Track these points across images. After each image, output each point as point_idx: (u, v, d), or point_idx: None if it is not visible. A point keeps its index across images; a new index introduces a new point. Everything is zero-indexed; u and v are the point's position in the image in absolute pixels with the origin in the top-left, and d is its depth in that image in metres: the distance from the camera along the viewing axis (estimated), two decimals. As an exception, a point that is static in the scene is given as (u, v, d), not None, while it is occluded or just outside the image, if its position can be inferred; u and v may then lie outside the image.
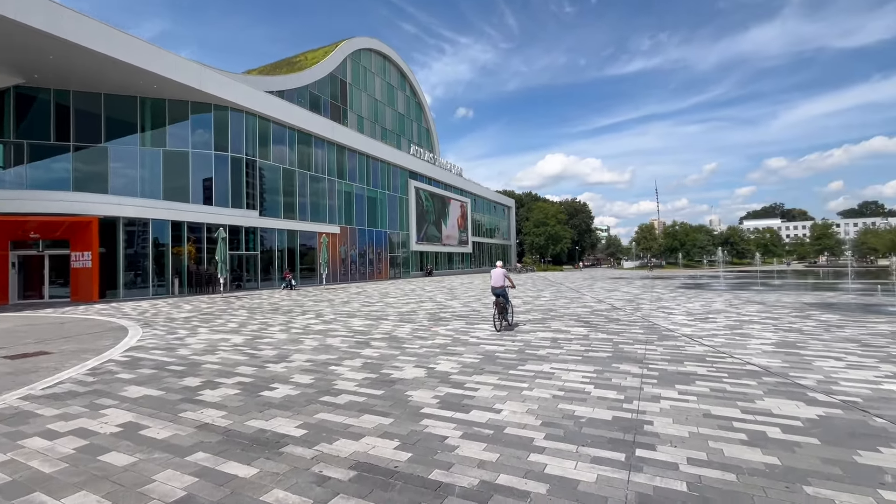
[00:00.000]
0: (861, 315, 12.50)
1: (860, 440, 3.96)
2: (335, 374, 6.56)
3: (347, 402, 5.17)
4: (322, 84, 38.63)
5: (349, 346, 8.70)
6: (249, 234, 27.52)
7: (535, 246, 72.57)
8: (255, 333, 10.48)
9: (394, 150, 44.24)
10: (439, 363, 7.16)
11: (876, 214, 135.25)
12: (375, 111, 46.73)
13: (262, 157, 28.66)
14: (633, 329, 10.51)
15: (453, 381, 6.09)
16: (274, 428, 4.38)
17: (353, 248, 37.22)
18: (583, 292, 22.42)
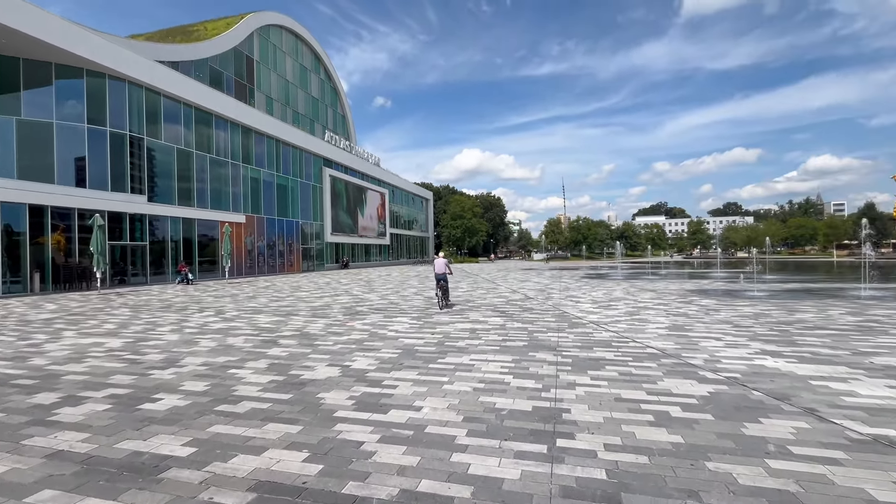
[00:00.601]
0: (730, 300, 14.38)
1: (744, 413, 4.37)
2: (235, 378, 5.83)
3: (249, 411, 4.58)
4: (225, 59, 35.11)
5: (253, 346, 7.88)
6: (136, 223, 24.17)
7: (453, 238, 73.81)
8: (138, 335, 9.09)
9: (307, 135, 41.79)
10: (355, 360, 6.74)
11: (736, 214, 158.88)
12: (287, 93, 43.72)
13: (151, 135, 25.22)
14: (545, 318, 10.94)
15: (370, 379, 5.73)
16: (154, 449, 3.68)
17: (260, 238, 34.57)
18: (498, 283, 23.13)
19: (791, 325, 9.34)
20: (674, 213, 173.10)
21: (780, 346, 7.32)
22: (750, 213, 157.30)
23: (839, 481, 3.06)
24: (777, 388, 5.12)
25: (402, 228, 63.73)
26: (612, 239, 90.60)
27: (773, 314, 10.97)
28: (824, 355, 6.71)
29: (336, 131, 51.64)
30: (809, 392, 5.00)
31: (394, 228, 59.97)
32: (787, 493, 2.90)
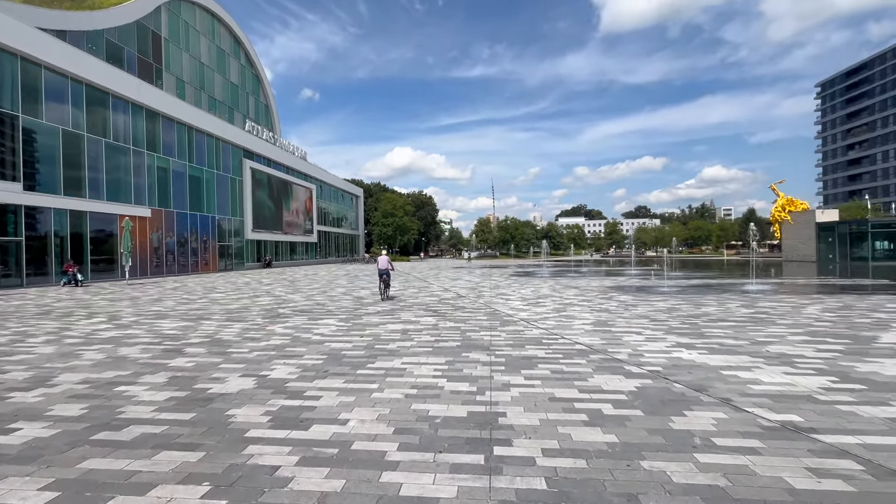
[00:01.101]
0: (645, 295, 15.43)
1: (669, 407, 4.50)
2: (124, 397, 4.96)
3: (137, 437, 3.85)
4: (125, 33, 31.32)
5: (152, 357, 6.87)
6: (8, 214, 20.64)
7: (384, 236, 72.65)
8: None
9: (225, 123, 38.58)
10: (274, 369, 6.09)
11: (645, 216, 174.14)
12: (202, 77, 40.10)
13: (29, 113, 21.65)
14: (477, 316, 10.89)
15: (291, 390, 5.16)
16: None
17: (170, 234, 31.28)
18: (430, 281, 22.96)
19: (699, 319, 10.13)
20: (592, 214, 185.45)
21: (692, 339, 7.85)
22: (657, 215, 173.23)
23: (760, 471, 3.16)
24: (695, 380, 5.38)
25: (331, 226, 61.45)
26: (538, 238, 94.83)
27: (682, 308, 11.87)
28: (729, 346, 7.28)
29: (258, 121, 48.39)
30: (722, 382, 5.31)
31: (322, 226, 57.59)
32: (718, 489, 2.93)
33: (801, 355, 6.61)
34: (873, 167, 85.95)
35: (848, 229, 40.62)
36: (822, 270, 29.79)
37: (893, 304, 12.20)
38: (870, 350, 6.94)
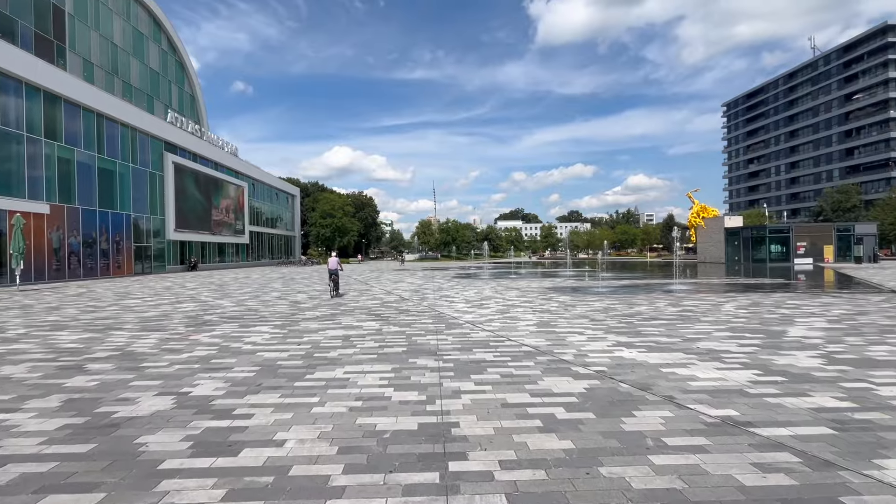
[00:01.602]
0: (582, 296, 16.03)
1: (619, 407, 4.52)
2: (1, 428, 4.12)
3: (16, 479, 3.15)
4: (18, 4, 27.49)
5: (43, 377, 5.86)
6: None
7: (322, 237, 70.16)
8: None
9: (142, 112, 35.14)
10: (197, 385, 5.42)
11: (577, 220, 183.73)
12: (114, 60, 36.25)
13: None
14: (422, 319, 10.63)
15: (217, 408, 4.58)
16: None
17: (74, 234, 27.80)
18: (371, 284, 22.35)
19: (633, 318, 10.62)
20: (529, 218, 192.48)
21: (631, 338, 8.14)
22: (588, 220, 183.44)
23: (711, 470, 3.20)
24: (639, 379, 5.51)
25: (265, 226, 58.18)
26: (478, 241, 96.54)
27: (617, 308, 12.42)
28: (664, 343, 7.63)
29: (183, 113, 44.66)
30: (663, 380, 5.48)
31: (254, 226, 54.35)
32: (676, 493, 2.90)
33: (727, 350, 7.06)
34: (768, 179, 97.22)
35: (750, 234, 45.42)
36: (730, 271, 32.95)
37: (792, 301, 13.62)
38: (782, 344, 7.58)
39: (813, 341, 7.77)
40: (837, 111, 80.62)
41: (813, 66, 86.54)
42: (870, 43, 75.20)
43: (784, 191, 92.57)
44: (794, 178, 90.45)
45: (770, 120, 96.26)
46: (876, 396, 4.83)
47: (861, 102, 76.69)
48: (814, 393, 4.94)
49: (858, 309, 11.87)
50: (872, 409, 4.45)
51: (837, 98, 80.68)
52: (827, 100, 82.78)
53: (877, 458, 3.38)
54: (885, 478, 3.07)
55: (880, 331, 8.77)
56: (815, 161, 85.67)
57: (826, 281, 22.44)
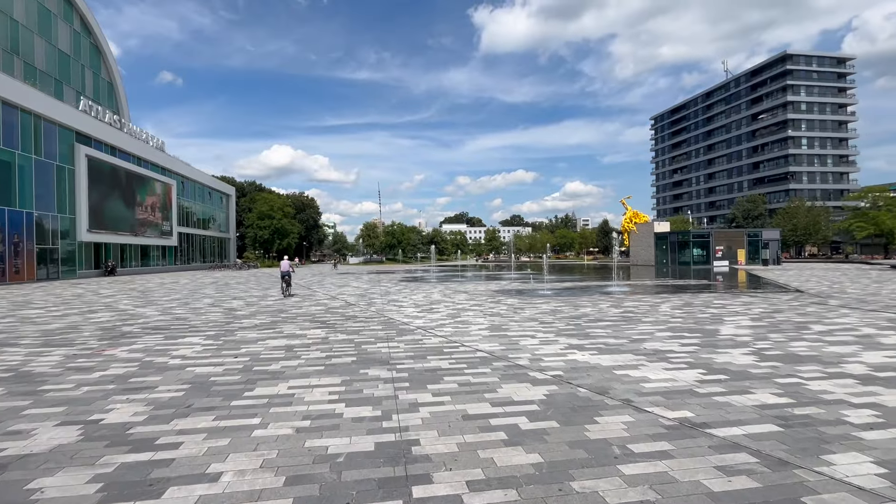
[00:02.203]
0: (529, 298, 16.28)
1: (580, 414, 4.45)
2: None
3: None
4: None
5: None
6: None
7: (260, 240, 66.56)
8: None
9: (47, 97, 31.27)
10: (112, 410, 4.68)
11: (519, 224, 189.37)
12: (14, 37, 32.08)
13: None
14: (371, 326, 10.19)
15: (136, 438, 3.94)
16: None
17: (-41, 235, 24.04)
18: (314, 289, 21.35)
19: (580, 319, 10.86)
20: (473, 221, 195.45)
21: (581, 340, 8.27)
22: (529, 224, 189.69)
23: (679, 476, 3.16)
24: (595, 383, 5.52)
25: (196, 227, 54.11)
26: (424, 244, 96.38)
27: (564, 310, 12.69)
28: (613, 345, 7.80)
29: (99, 101, 40.47)
30: (618, 382, 5.53)
31: (184, 227, 50.36)
32: (650, 505, 2.81)
33: (671, 350, 7.34)
34: (690, 189, 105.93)
35: (676, 239, 49.06)
36: (659, 273, 35.27)
37: (718, 301, 14.69)
38: (717, 342, 8.03)
39: (743, 339, 8.31)
40: (746, 129, 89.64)
41: (726, 88, 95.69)
42: (772, 69, 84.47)
43: (703, 199, 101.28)
44: (711, 188, 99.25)
45: (692, 134, 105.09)
46: (808, 391, 5.16)
47: (765, 122, 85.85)
48: (754, 390, 5.19)
49: (774, 307, 13.00)
50: (807, 403, 4.73)
51: (746, 117, 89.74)
52: (738, 118, 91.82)
53: (823, 453, 3.53)
54: (836, 474, 3.19)
55: (796, 327, 9.61)
56: (728, 173, 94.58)
57: (742, 282, 24.59)
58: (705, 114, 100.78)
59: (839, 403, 4.73)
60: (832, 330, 9.26)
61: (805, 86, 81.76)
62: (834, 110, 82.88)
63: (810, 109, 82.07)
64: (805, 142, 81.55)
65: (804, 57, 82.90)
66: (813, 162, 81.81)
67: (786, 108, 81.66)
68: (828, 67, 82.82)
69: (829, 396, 4.97)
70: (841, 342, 7.99)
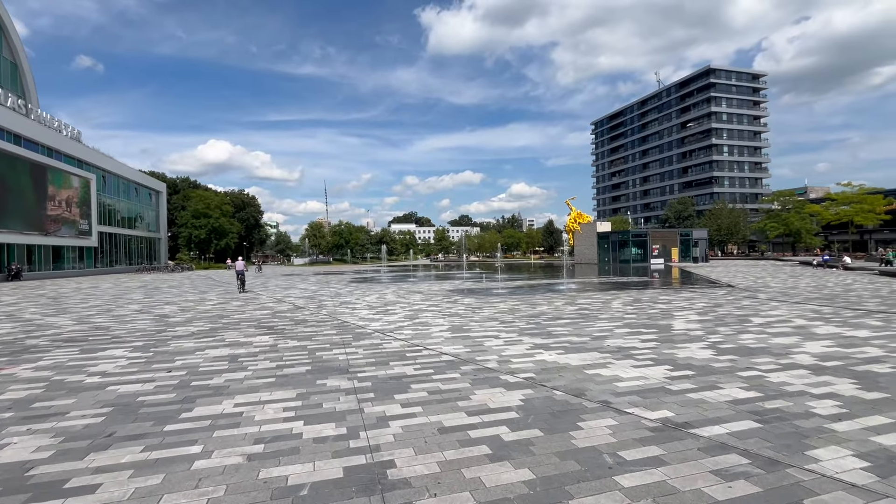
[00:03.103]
0: (485, 297, 16.17)
1: (562, 420, 4.21)
2: None
3: None
4: None
5: None
6: None
7: (195, 240, 62.01)
8: None
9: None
10: (6, 446, 3.81)
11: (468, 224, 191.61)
12: None
13: None
14: (324, 330, 9.51)
15: (38, 482, 3.17)
16: None
17: None
18: (257, 291, 19.99)
19: (539, 318, 10.82)
20: (422, 221, 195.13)
21: (545, 339, 8.14)
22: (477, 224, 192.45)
23: (679, 486, 2.97)
24: (569, 384, 5.33)
25: (120, 226, 49.29)
26: (373, 244, 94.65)
27: (521, 309, 12.64)
28: (577, 343, 7.74)
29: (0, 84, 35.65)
30: (592, 383, 5.38)
31: (106, 226, 45.66)
32: (660, 522, 2.58)
33: (633, 347, 7.38)
34: (627, 191, 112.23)
35: (617, 238, 51.60)
36: (602, 271, 36.82)
37: (663, 297, 15.37)
38: (674, 337, 8.22)
39: (696, 333, 8.59)
40: (676, 136, 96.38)
41: (658, 97, 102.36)
42: (698, 81, 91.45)
43: (639, 201, 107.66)
44: (646, 190, 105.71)
45: (628, 139, 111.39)
46: (770, 384, 5.28)
47: (692, 130, 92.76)
48: (722, 385, 5.23)
49: (714, 302, 13.77)
50: (774, 396, 4.81)
51: (676, 125, 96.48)
52: (669, 125, 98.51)
53: (806, 449, 3.51)
54: (825, 471, 3.15)
55: (739, 320, 10.13)
56: (661, 176, 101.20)
57: (680, 278, 26.13)
58: (640, 121, 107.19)
59: (802, 395, 4.86)
60: (770, 322, 9.84)
61: (726, 98, 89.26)
62: (750, 121, 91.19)
63: (730, 120, 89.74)
64: (726, 149, 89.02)
65: (724, 72, 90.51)
66: (733, 168, 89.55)
67: (710, 118, 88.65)
68: (745, 82, 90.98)
69: (791, 388, 5.11)
70: (782, 333, 8.46)
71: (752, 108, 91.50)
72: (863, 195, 50.06)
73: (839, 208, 51.78)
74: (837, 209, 51.99)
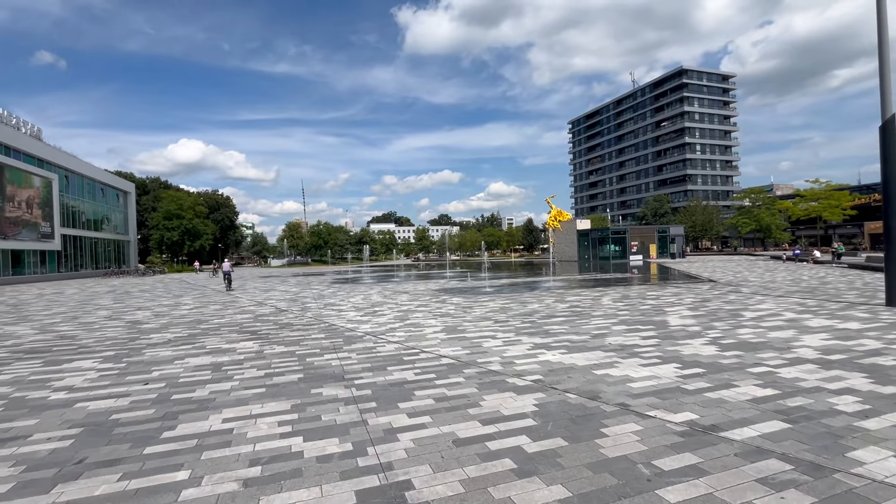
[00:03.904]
0: (473, 296, 15.89)
1: (583, 426, 3.94)
2: None
3: None
4: None
5: None
6: None
7: (167, 242, 59.77)
8: None
9: None
10: (-42, 478, 3.29)
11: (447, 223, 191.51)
12: None
13: None
14: (312, 334, 9.04)
15: (-5, 522, 2.70)
16: None
17: None
18: (235, 295, 19.20)
19: (532, 316, 10.61)
20: (402, 221, 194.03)
21: (543, 338, 7.91)
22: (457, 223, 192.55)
23: (729, 499, 2.74)
24: (580, 386, 5.08)
25: (86, 229, 47.00)
26: (352, 244, 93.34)
27: (512, 307, 12.41)
28: (578, 342, 7.52)
29: (-52, 76, 33.32)
30: (603, 384, 5.15)
31: (70, 228, 43.43)
32: (721, 544, 2.32)
33: (636, 344, 7.21)
34: (604, 189, 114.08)
35: (597, 235, 52.23)
36: (583, 268, 37.10)
37: (650, 293, 15.41)
38: (673, 333, 8.10)
39: (694, 328, 8.50)
40: (651, 135, 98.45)
41: (633, 97, 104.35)
42: (672, 81, 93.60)
43: (616, 199, 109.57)
44: (623, 188, 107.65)
45: (605, 138, 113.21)
46: (783, 380, 5.15)
47: (666, 129, 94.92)
48: (737, 382, 5.07)
49: (701, 296, 13.85)
50: (792, 393, 4.67)
51: (651, 124, 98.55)
52: (644, 125, 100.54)
53: (846, 451, 3.33)
54: (874, 475, 2.97)
55: (731, 314, 10.14)
56: (637, 174, 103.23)
57: (662, 274, 26.47)
58: (616, 120, 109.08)
59: (819, 391, 4.73)
60: (762, 316, 9.88)
61: (697, 98, 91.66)
62: (720, 121, 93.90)
63: (702, 119, 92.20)
64: (699, 148, 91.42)
65: (696, 72, 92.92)
66: (705, 166, 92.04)
67: (683, 118, 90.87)
68: (715, 83, 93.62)
69: (805, 384, 4.99)
70: (777, 327, 8.46)
71: (723, 108, 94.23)
72: (830, 191, 52.12)
73: (808, 204, 53.75)
74: (807, 205, 53.95)
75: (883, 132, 11.14)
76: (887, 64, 11.16)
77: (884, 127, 11.12)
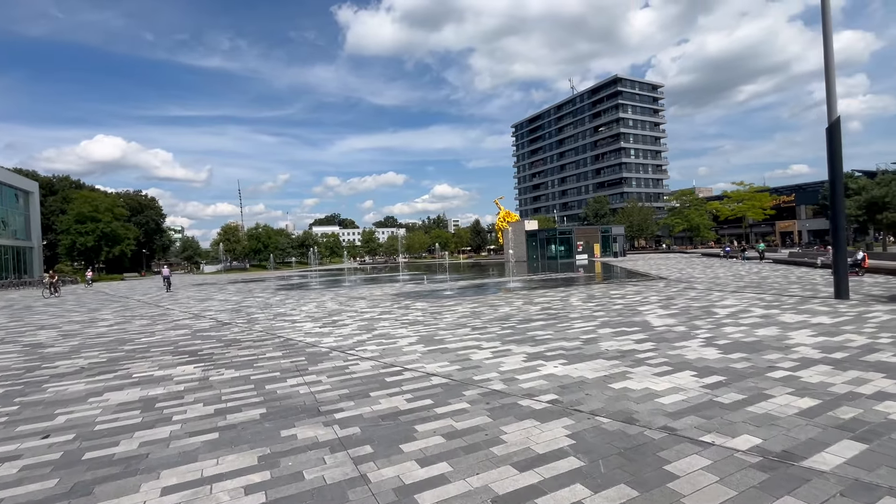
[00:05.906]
0: (437, 300, 15.02)
1: (637, 462, 3.22)
2: None
3: None
4: None
5: None
6: None
7: (81, 248, 53.21)
8: None
9: None
10: None
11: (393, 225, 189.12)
12: None
13: None
14: (267, 352, 7.73)
15: None
16: None
17: None
18: (165, 306, 16.93)
19: (508, 320, 9.95)
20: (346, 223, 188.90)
21: (534, 347, 7.23)
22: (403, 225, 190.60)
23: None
24: (606, 406, 4.40)
25: (-26, 234, 40.41)
26: (294, 248, 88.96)
27: (484, 312, 11.68)
28: (572, 349, 6.92)
29: None
30: (629, 401, 4.50)
31: (-47, 234, 37.08)
32: None
33: (634, 350, 6.72)
34: (547, 191, 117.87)
35: (545, 235, 53.35)
36: (534, 268, 37.50)
37: (613, 291, 15.38)
38: (662, 335, 7.74)
39: (679, 329, 8.23)
40: (589, 139, 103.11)
41: (573, 103, 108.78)
42: (608, 89, 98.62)
43: (558, 200, 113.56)
44: (564, 190, 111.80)
45: (547, 142, 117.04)
46: (811, 385, 4.79)
47: (604, 134, 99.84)
48: (769, 392, 4.63)
49: (663, 294, 13.97)
50: (834, 403, 4.27)
51: (589, 129, 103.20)
52: (582, 129, 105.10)
53: (952, 478, 2.86)
54: None
55: (704, 312, 10.09)
56: (577, 177, 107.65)
57: (612, 272, 27.12)
58: (557, 124, 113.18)
59: (857, 397, 4.39)
60: (734, 313, 9.91)
61: (631, 105, 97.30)
62: (651, 127, 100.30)
63: (636, 125, 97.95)
64: (633, 152, 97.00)
65: (630, 81, 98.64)
66: (639, 169, 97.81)
67: (619, 123, 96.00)
68: (646, 92, 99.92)
69: (837, 389, 4.65)
70: (758, 325, 8.40)
71: (653, 115, 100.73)
72: (753, 193, 57.02)
73: (735, 205, 58.47)
74: (734, 206, 58.66)
75: (830, 134, 11.70)
76: (832, 70, 11.75)
77: (830, 129, 11.68)
